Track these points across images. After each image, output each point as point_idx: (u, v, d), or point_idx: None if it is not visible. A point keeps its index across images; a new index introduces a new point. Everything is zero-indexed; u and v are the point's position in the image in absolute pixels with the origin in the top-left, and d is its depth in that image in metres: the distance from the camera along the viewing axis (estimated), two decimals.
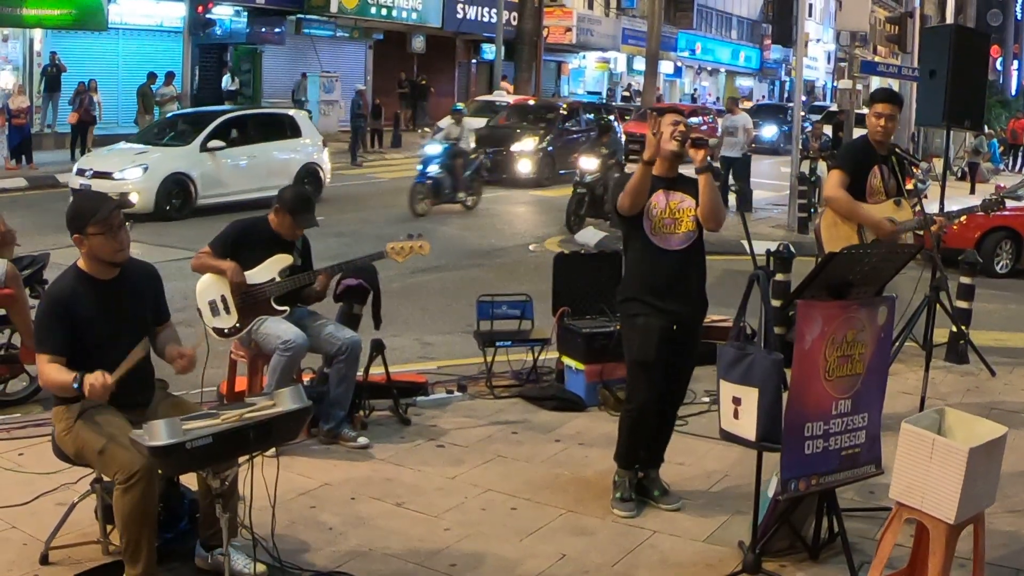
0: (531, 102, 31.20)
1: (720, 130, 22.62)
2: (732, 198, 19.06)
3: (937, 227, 7.76)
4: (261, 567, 5.02)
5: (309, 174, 20.12)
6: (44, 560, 5.16)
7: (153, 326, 5.29)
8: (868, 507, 6.05)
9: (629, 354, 6.11)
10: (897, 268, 5.52)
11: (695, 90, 60.98)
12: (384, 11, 37.80)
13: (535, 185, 24.41)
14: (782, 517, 5.40)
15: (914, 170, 7.91)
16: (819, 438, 5.13)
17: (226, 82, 31.53)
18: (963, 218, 12.19)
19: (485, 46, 44.24)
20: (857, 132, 16.99)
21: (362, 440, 7.05)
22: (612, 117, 27.33)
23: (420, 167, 19.92)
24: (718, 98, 63.98)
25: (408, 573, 5.32)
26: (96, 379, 4.71)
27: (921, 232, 7.74)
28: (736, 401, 5.27)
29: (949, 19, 29.95)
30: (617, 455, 6.26)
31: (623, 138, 26.54)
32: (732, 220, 6.33)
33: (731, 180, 20.79)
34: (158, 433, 4.27)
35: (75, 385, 4.76)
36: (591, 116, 28.05)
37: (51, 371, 4.89)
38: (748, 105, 54.16)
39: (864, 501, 6.16)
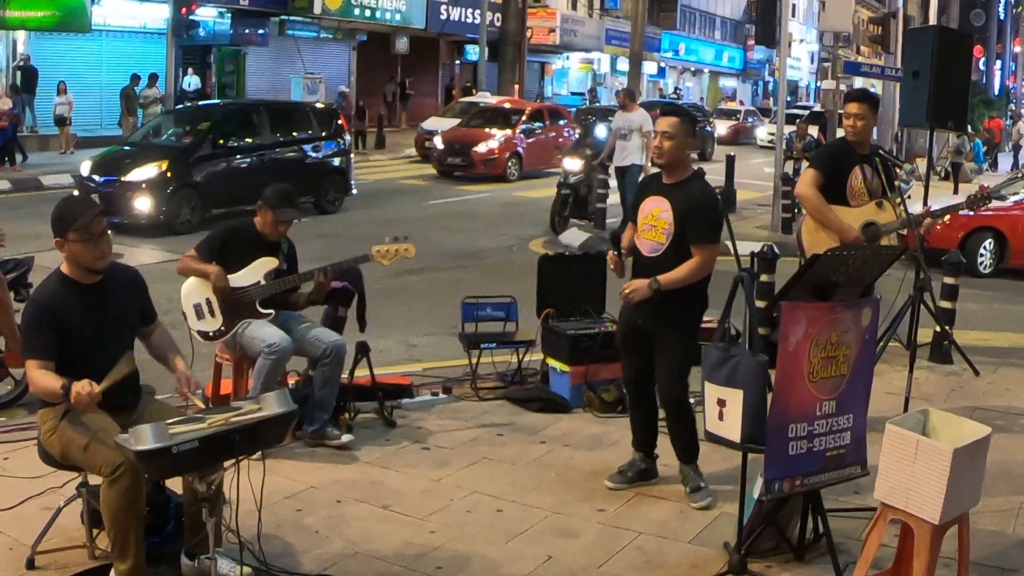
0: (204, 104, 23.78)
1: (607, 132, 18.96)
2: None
3: (924, 227, 7.79)
4: (247, 570, 5.02)
5: None
6: (30, 565, 5.15)
7: (139, 328, 5.29)
8: (853, 508, 6.07)
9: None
10: (881, 269, 5.53)
11: (677, 90, 61.07)
12: (368, 12, 37.78)
13: (166, 231, 16.53)
14: (767, 518, 5.41)
15: (897, 171, 7.94)
16: (803, 439, 5.14)
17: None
18: (947, 217, 12.23)
19: (469, 47, 44.26)
20: (840, 133, 17.05)
21: (345, 437, 7.04)
22: (338, 121, 20.97)
23: None
24: (702, 98, 64.15)
25: (394, 575, 5.32)
26: (83, 387, 4.68)
27: (904, 233, 7.77)
28: (721, 403, 5.29)
29: (932, 19, 30.12)
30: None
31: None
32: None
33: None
34: (144, 437, 4.26)
35: (63, 391, 4.75)
36: (306, 126, 20.25)
37: (40, 376, 4.88)
38: (732, 106, 54.49)
39: (849, 502, 6.17)
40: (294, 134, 19.91)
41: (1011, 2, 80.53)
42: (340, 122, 21.17)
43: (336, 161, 20.31)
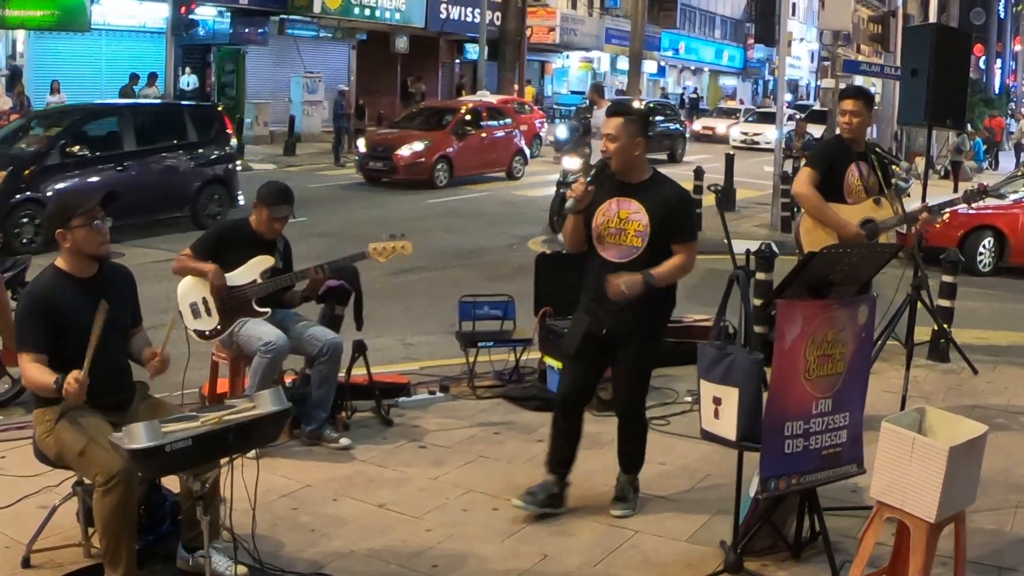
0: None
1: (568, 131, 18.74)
2: (713, 198, 18.94)
3: (921, 221, 7.78)
4: (242, 569, 5.01)
5: None
6: (26, 563, 5.15)
7: (129, 328, 5.30)
8: (850, 506, 6.06)
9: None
10: (878, 267, 5.53)
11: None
12: (367, 11, 37.76)
13: (6, 252, 13.02)
14: (764, 516, 5.40)
15: (895, 169, 7.94)
16: (799, 437, 5.13)
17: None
18: (946, 215, 12.21)
19: (468, 46, 44.26)
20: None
21: (344, 441, 7.03)
22: (221, 124, 18.19)
23: None
24: (702, 96, 64.12)
25: (390, 574, 5.32)
26: (71, 377, 4.69)
27: (903, 231, 7.76)
28: (716, 401, 5.28)
29: (932, 18, 30.06)
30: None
31: None
32: (716, 219, 6.29)
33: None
34: (137, 436, 4.26)
35: (55, 386, 4.74)
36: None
37: (33, 371, 4.89)
38: (732, 104, 54.39)
39: (846, 500, 6.16)
40: (170, 140, 17.40)
41: (1011, 0, 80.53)
42: (225, 125, 18.45)
43: (216, 169, 17.71)
